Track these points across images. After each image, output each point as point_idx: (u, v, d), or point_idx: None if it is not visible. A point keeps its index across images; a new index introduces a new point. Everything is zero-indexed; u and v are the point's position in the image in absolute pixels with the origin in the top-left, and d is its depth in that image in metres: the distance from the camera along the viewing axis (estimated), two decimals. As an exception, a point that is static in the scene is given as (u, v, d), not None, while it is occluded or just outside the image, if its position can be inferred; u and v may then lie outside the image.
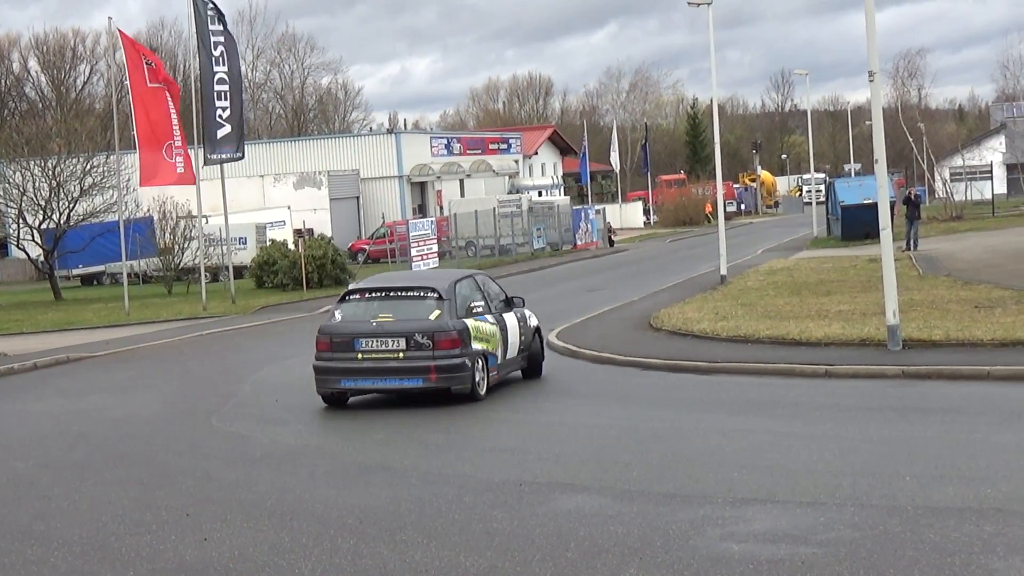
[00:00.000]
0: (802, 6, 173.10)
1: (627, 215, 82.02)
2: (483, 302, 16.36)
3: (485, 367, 15.72)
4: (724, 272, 32.38)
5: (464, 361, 15.19)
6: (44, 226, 41.52)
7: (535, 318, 17.92)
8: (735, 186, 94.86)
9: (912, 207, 40.49)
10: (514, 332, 16.83)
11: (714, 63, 33.98)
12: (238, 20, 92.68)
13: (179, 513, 10.28)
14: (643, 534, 8.86)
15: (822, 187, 70.67)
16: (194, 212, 38.26)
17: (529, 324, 17.49)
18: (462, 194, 67.51)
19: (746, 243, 52.10)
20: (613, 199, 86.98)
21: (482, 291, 16.66)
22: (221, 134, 34.28)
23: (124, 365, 22.74)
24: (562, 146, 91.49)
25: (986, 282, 25.38)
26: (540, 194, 71.81)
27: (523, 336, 17.15)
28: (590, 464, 11.45)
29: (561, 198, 68.74)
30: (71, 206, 41.10)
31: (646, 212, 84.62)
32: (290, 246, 41.48)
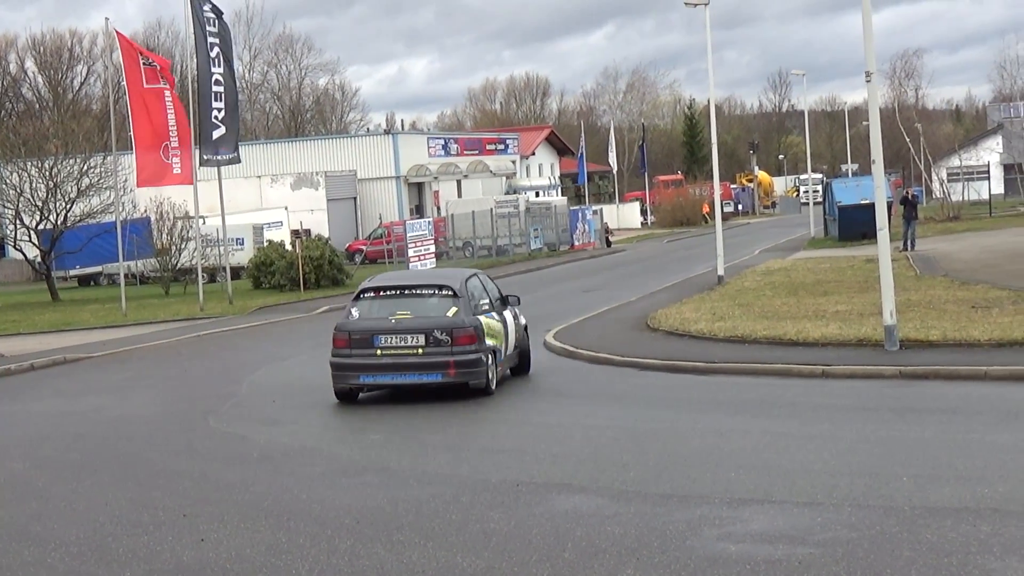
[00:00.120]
0: (799, 7, 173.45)
1: (624, 215, 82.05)
2: (488, 300, 16.84)
3: (495, 362, 16.14)
4: (721, 272, 32.40)
5: (481, 356, 15.58)
6: (41, 227, 41.45)
7: (523, 317, 18.37)
8: (732, 186, 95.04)
9: (909, 207, 40.55)
10: (512, 329, 17.28)
11: (711, 63, 34.02)
12: (235, 20, 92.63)
13: (176, 514, 10.27)
14: (640, 534, 8.86)
15: (819, 187, 70.78)
16: (191, 213, 38.25)
17: (520, 321, 17.99)
18: (459, 195, 67.46)
19: (743, 243, 52.13)
20: (610, 199, 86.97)
21: (486, 289, 17.12)
22: (217, 135, 34.27)
23: (121, 366, 22.73)
24: (559, 147, 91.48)
25: (983, 282, 25.39)
26: (537, 194, 71.72)
27: (517, 333, 17.62)
28: (587, 464, 11.45)
29: (558, 198, 68.69)
30: (68, 207, 41.02)
31: (643, 212, 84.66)
32: (287, 247, 41.46)
